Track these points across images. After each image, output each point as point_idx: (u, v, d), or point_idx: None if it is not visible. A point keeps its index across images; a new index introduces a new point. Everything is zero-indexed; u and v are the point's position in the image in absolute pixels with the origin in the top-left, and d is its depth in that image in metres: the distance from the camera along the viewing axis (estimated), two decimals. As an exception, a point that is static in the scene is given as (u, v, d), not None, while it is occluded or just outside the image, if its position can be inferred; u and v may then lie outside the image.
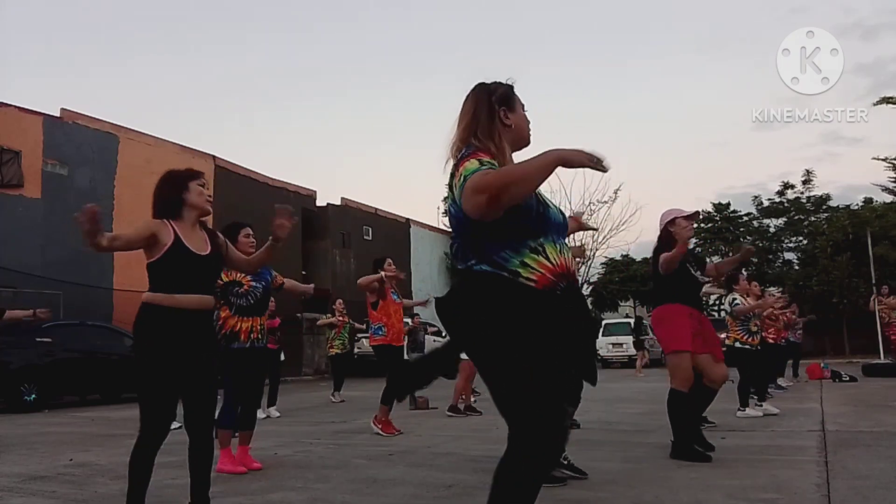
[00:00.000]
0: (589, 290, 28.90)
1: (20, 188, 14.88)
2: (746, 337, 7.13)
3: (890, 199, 27.59)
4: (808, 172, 31.05)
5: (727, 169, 55.90)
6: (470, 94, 2.19)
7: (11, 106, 15.19)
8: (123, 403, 10.77)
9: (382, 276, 6.36)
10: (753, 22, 50.83)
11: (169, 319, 2.86)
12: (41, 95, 60.60)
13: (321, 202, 24.29)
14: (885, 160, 25.45)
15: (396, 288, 6.61)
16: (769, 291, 15.61)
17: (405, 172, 59.22)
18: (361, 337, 16.90)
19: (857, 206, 30.25)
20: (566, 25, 55.99)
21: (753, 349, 7.19)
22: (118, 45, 50.54)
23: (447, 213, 2.15)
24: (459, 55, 58.53)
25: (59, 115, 15.97)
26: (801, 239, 31.44)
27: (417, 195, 61.84)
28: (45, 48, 50.21)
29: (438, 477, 4.12)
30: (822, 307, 25.45)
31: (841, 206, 30.60)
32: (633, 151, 52.14)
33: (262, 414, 8.38)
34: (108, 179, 16.47)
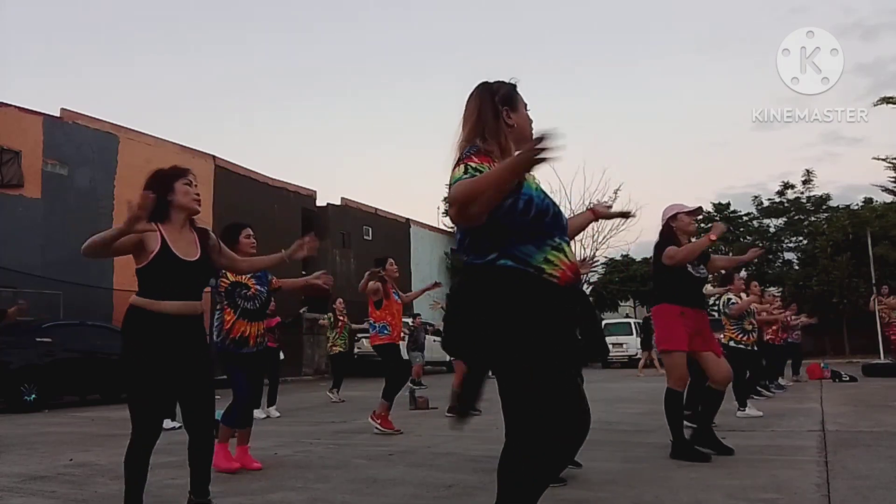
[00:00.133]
0: (589, 290, 28.91)
1: (20, 188, 14.89)
2: (741, 336, 7.14)
3: (890, 199, 27.62)
4: (808, 172, 31.10)
5: (727, 169, 55.97)
6: (473, 93, 2.17)
7: (11, 106, 15.20)
8: (123, 403, 10.71)
9: (378, 286, 6.31)
10: (753, 22, 50.87)
11: (152, 324, 2.83)
12: (41, 95, 60.63)
13: (321, 202, 24.32)
14: (885, 160, 25.51)
15: (397, 287, 6.62)
16: (769, 291, 15.63)
17: (405, 172, 59.29)
18: (361, 337, 16.92)
19: (857, 206, 30.27)
20: (566, 25, 56.04)
21: (748, 348, 7.20)
22: (118, 45, 50.58)
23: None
24: (459, 55, 58.55)
25: (59, 115, 15.99)
26: (801, 239, 31.42)
27: (417, 195, 61.88)
28: (45, 48, 50.25)
29: (438, 477, 4.12)
30: (822, 307, 25.42)
31: (841, 206, 30.63)
32: (633, 151, 52.19)
33: (261, 414, 8.38)
34: (108, 179, 16.48)
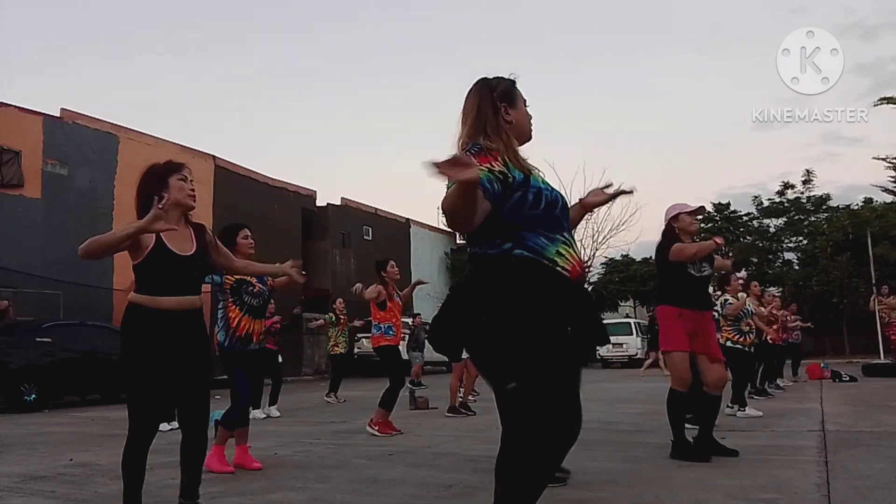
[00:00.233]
0: (589, 290, 28.88)
1: (20, 188, 14.89)
2: (738, 336, 7.16)
3: (890, 199, 27.60)
4: (808, 172, 31.04)
5: (727, 169, 55.98)
6: (472, 89, 2.16)
7: (11, 106, 15.19)
8: (123, 403, 10.71)
9: (379, 290, 6.36)
10: (753, 22, 50.89)
11: (151, 320, 2.80)
12: (41, 95, 60.65)
13: (321, 202, 24.30)
14: (885, 160, 25.49)
15: (396, 289, 6.64)
16: (769, 291, 15.63)
17: (405, 172, 59.33)
18: (361, 337, 16.91)
19: (857, 206, 30.24)
20: (566, 25, 56.07)
21: (745, 349, 7.22)
22: (118, 45, 50.58)
23: None
24: (459, 55, 58.56)
25: (59, 115, 15.98)
26: (801, 239, 31.39)
27: (417, 195, 61.89)
28: (45, 48, 50.26)
29: (438, 477, 4.12)
30: (822, 307, 25.45)
31: (841, 206, 30.58)
32: (633, 151, 52.15)
33: (261, 414, 8.38)
34: (108, 179, 16.48)
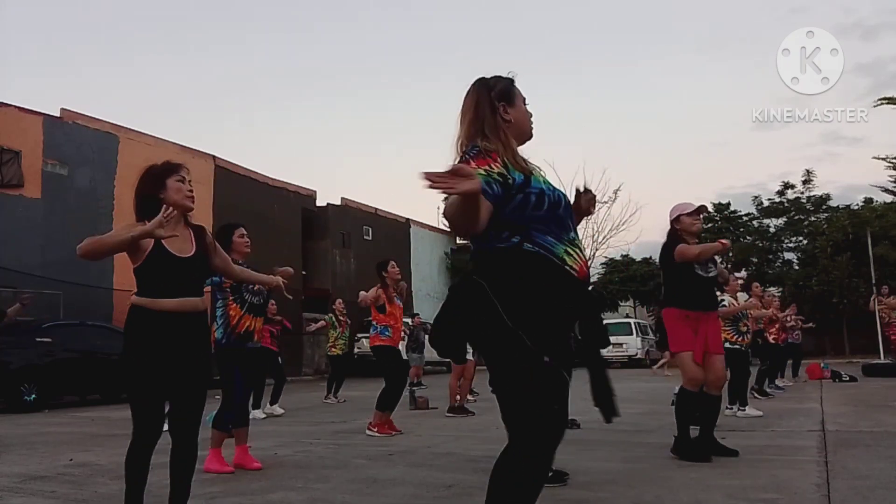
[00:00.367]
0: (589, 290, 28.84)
1: (20, 188, 14.89)
2: (736, 337, 7.19)
3: (890, 199, 27.61)
4: (808, 172, 31.11)
5: (727, 169, 56.01)
6: (470, 89, 2.15)
7: (11, 106, 15.19)
8: (123, 403, 10.74)
9: (380, 294, 6.41)
10: (753, 22, 50.91)
11: (153, 322, 2.77)
12: (41, 95, 60.68)
13: (321, 202, 24.30)
14: (885, 159, 25.46)
15: (397, 290, 6.64)
16: (769, 291, 15.63)
17: (405, 172, 59.30)
18: (361, 337, 16.92)
19: (857, 206, 30.28)
20: (566, 25, 56.07)
21: (743, 349, 7.26)
22: (118, 45, 50.61)
23: None
24: (459, 55, 58.56)
25: (59, 115, 15.98)
26: (801, 239, 31.41)
27: (417, 195, 61.85)
28: (45, 48, 50.28)
29: (438, 477, 4.12)
30: (822, 307, 25.44)
31: (841, 206, 30.63)
32: (633, 151, 52.15)
33: (260, 414, 8.38)
34: (108, 179, 16.47)
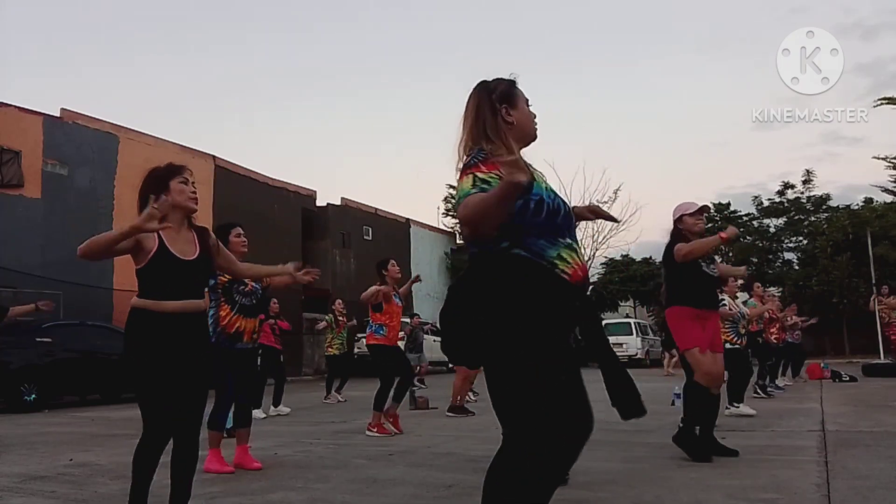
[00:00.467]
0: (589, 290, 28.89)
1: (20, 188, 14.88)
2: (735, 338, 7.24)
3: (890, 199, 27.60)
4: (808, 172, 31.06)
5: (727, 169, 55.95)
6: (472, 93, 2.15)
7: (11, 106, 15.19)
8: (123, 403, 10.77)
9: (378, 289, 6.37)
10: (753, 22, 50.90)
11: (155, 324, 2.77)
12: (41, 95, 60.65)
13: (321, 202, 24.30)
14: (885, 159, 25.45)
15: (397, 289, 6.62)
16: (769, 291, 15.63)
17: (405, 172, 59.28)
18: (361, 337, 16.92)
19: (857, 206, 30.26)
20: (566, 25, 56.04)
21: (743, 349, 7.32)
22: (118, 45, 50.59)
23: (456, 205, 2.12)
24: (459, 55, 58.55)
25: (59, 115, 15.98)
26: (801, 239, 31.40)
27: (417, 195, 61.87)
28: (45, 48, 50.27)
29: (438, 477, 4.12)
30: (822, 307, 25.41)
31: (841, 206, 30.60)
32: (633, 151, 52.14)
33: (260, 414, 8.38)
34: (108, 179, 16.47)
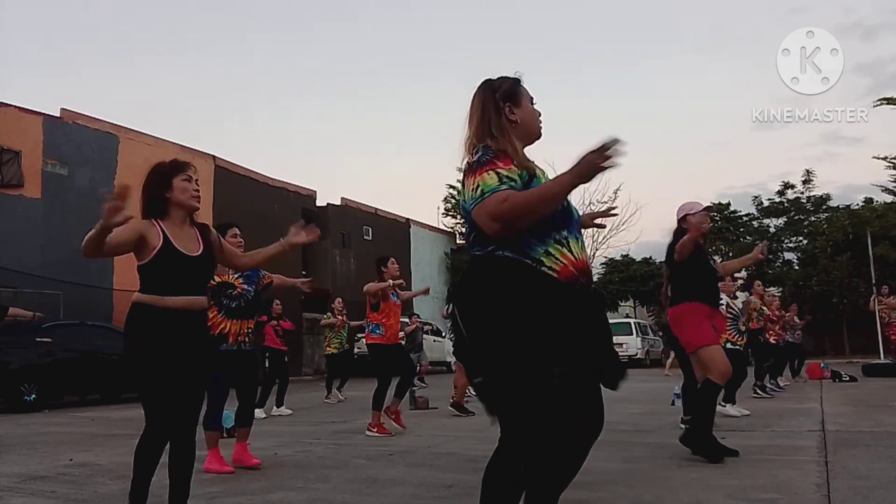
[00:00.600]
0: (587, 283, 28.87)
1: (20, 188, 14.87)
2: (736, 336, 7.27)
3: (890, 199, 27.63)
4: (808, 172, 31.10)
5: (727, 169, 55.91)
6: (476, 91, 2.16)
7: (11, 106, 15.18)
8: (123, 403, 10.77)
9: (390, 283, 6.43)
10: (753, 22, 50.88)
11: (158, 320, 2.75)
12: (41, 95, 60.64)
13: (321, 202, 24.28)
14: (885, 159, 25.49)
15: (396, 288, 6.63)
16: (769, 291, 15.63)
17: (405, 172, 59.23)
18: (361, 337, 16.92)
19: (857, 206, 30.29)
20: (566, 25, 56.02)
21: (742, 350, 7.38)
22: (118, 45, 50.58)
23: (459, 206, 2.12)
24: (460, 55, 58.55)
25: (59, 115, 15.96)
26: (801, 239, 31.41)
27: (417, 195, 61.85)
28: (45, 48, 50.26)
29: (438, 477, 4.12)
30: (822, 307, 25.43)
31: (841, 206, 30.63)
32: (633, 151, 51.67)
33: (261, 414, 8.38)
34: (108, 179, 16.43)
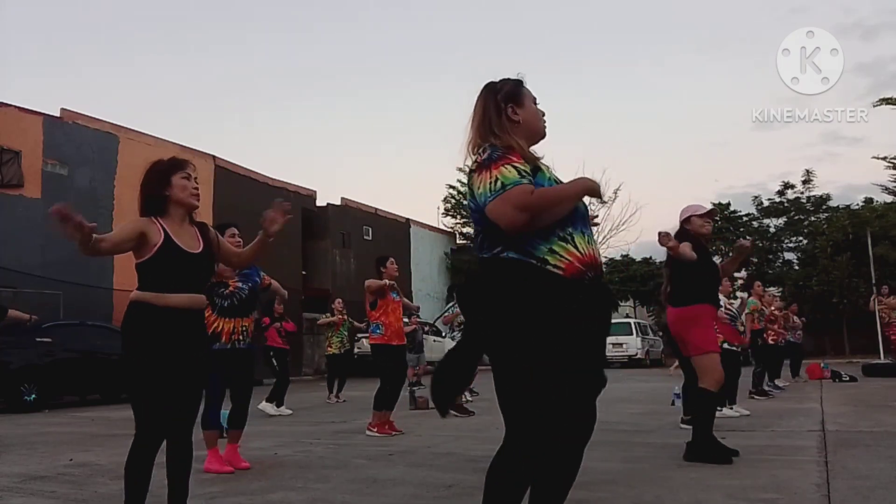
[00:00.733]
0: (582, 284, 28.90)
1: (20, 188, 14.87)
2: (733, 337, 7.29)
3: (890, 199, 27.62)
4: (808, 172, 31.05)
5: (727, 169, 55.89)
6: (478, 95, 2.19)
7: (11, 106, 15.17)
8: (123, 403, 10.77)
9: (386, 282, 6.43)
10: (753, 22, 50.89)
11: (158, 319, 2.71)
12: (41, 95, 60.67)
13: (321, 202, 24.27)
14: (885, 159, 25.47)
15: (396, 286, 6.62)
16: (769, 291, 15.64)
17: (405, 172, 59.22)
18: (361, 336, 16.91)
19: (857, 206, 30.25)
20: (566, 26, 56.01)
21: (738, 350, 7.40)
22: (118, 45, 50.60)
23: (464, 206, 2.14)
24: (460, 55, 58.61)
25: (59, 115, 15.96)
26: (801, 239, 31.40)
27: (417, 195, 61.84)
28: (45, 48, 50.28)
29: (438, 477, 4.12)
30: (822, 307, 25.43)
31: (841, 206, 30.61)
32: (633, 151, 52.10)
33: (272, 410, 8.71)
34: (108, 179, 16.47)
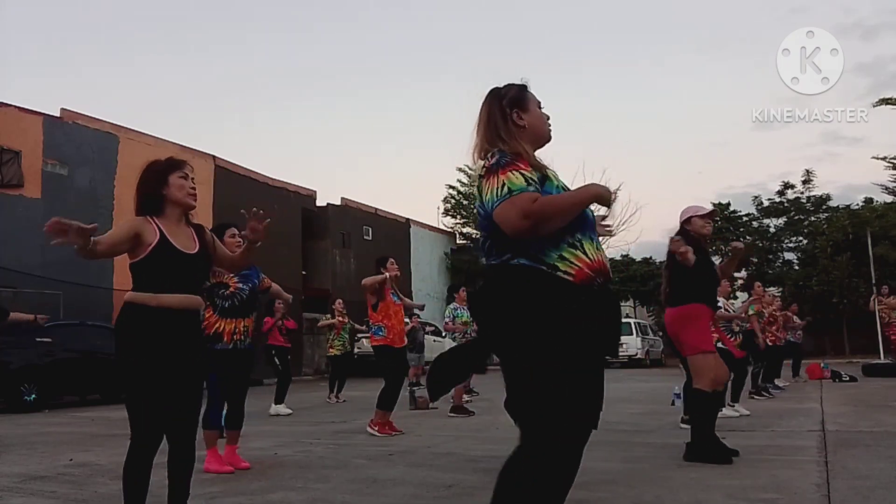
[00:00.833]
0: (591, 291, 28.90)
1: (20, 188, 14.87)
2: (729, 337, 7.28)
3: (890, 199, 27.61)
4: (808, 172, 31.01)
5: (727, 169, 55.91)
6: (483, 101, 2.20)
7: (11, 106, 15.17)
8: (123, 403, 10.75)
9: (386, 276, 6.36)
10: (753, 22, 50.92)
11: (153, 320, 2.69)
12: (41, 95, 60.69)
13: (321, 202, 24.26)
14: (884, 159, 25.48)
15: (397, 288, 6.61)
16: (769, 291, 15.63)
17: (405, 172, 59.23)
18: (362, 337, 16.92)
19: (857, 206, 30.23)
20: (566, 26, 56.04)
21: (730, 351, 7.38)
22: (118, 45, 50.62)
23: (470, 210, 2.14)
24: (460, 55, 58.62)
25: (59, 115, 15.96)
26: (801, 239, 31.39)
27: (417, 195, 61.83)
28: (45, 48, 50.29)
29: (438, 477, 4.12)
30: (822, 307, 25.41)
31: (841, 206, 30.57)
32: (633, 151, 52.12)
33: (285, 410, 8.83)
34: (108, 179, 16.46)
